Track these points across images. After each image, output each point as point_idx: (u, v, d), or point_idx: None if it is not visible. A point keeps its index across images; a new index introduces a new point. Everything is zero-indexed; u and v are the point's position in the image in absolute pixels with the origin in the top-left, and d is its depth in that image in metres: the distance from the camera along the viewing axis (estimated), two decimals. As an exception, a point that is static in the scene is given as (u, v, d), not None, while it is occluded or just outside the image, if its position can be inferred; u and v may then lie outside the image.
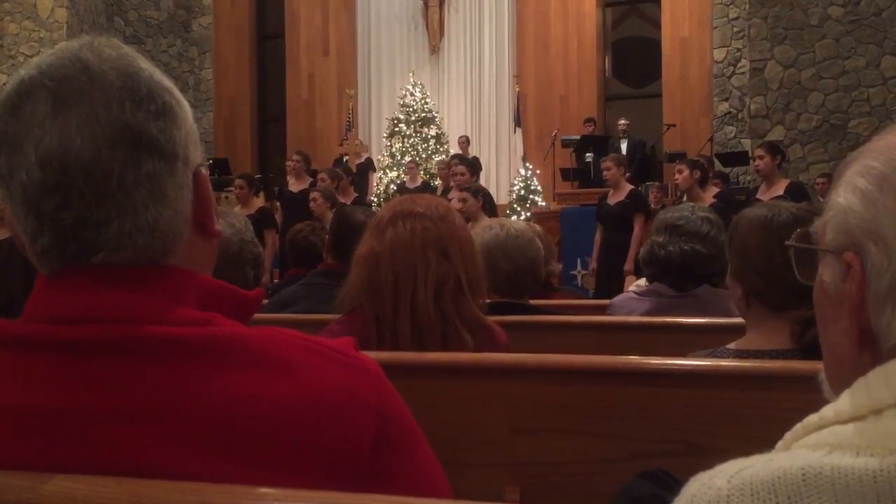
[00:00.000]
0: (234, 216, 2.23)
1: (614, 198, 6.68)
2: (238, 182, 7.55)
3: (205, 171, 0.84)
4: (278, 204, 8.32)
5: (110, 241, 0.76)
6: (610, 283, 6.23)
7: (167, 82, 0.81)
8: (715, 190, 6.49)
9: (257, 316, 0.87)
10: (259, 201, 7.97)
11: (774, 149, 6.32)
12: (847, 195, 0.68)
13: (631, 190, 6.77)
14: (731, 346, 1.68)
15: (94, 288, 0.76)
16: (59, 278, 0.77)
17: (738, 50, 11.23)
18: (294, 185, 7.95)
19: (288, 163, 8.39)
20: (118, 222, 0.75)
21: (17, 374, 0.74)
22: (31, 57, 10.76)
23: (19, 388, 0.74)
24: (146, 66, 0.80)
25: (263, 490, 0.66)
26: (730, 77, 11.47)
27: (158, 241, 0.78)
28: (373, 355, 0.85)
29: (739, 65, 11.19)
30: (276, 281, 5.96)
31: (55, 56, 0.78)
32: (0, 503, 0.67)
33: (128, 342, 0.73)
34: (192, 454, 0.70)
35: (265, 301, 2.87)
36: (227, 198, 8.75)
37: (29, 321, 0.77)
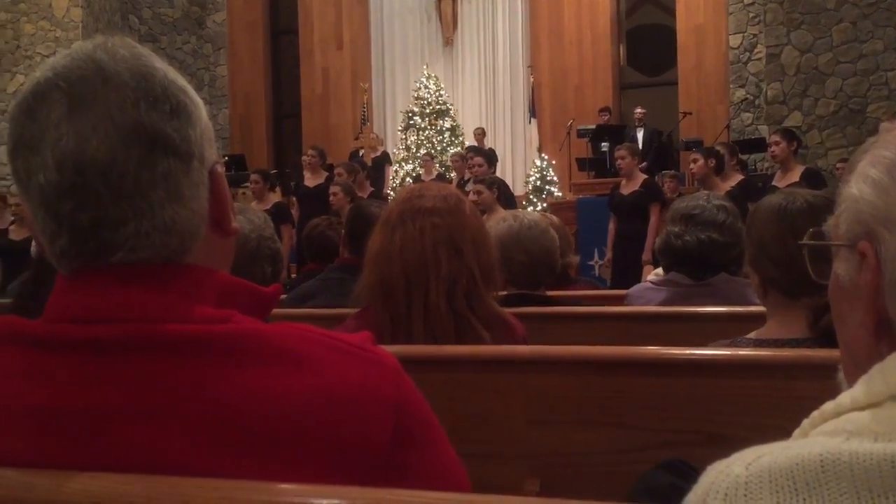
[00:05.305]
0: (252, 212, 2.24)
1: (628, 188, 6.64)
2: (254, 177, 7.58)
3: (220, 169, 0.84)
4: (294, 199, 8.35)
5: (128, 241, 0.76)
6: (626, 274, 6.21)
7: (181, 81, 0.81)
8: (738, 178, 6.44)
9: (275, 311, 0.88)
10: (275, 196, 7.98)
11: (790, 135, 6.27)
12: (859, 185, 0.68)
13: (645, 179, 6.73)
14: (752, 335, 1.68)
15: (113, 287, 0.76)
16: (78, 278, 0.78)
17: (754, 36, 11.14)
18: (310, 180, 7.97)
19: (303, 157, 8.41)
20: (135, 222, 0.76)
21: (38, 373, 0.75)
22: (48, 57, 10.81)
23: (41, 387, 0.74)
24: (160, 65, 0.80)
25: (283, 486, 0.67)
26: (746, 63, 11.38)
27: (176, 239, 0.78)
28: (390, 349, 0.85)
29: (756, 51, 11.10)
30: (293, 276, 6.00)
31: (69, 57, 0.78)
32: (25, 501, 0.68)
33: (147, 341, 0.74)
34: (212, 451, 0.71)
35: (283, 296, 2.89)
36: (243, 194, 8.79)
37: (49, 321, 0.78)
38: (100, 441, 0.72)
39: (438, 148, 12.10)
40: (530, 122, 12.71)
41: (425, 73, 12.72)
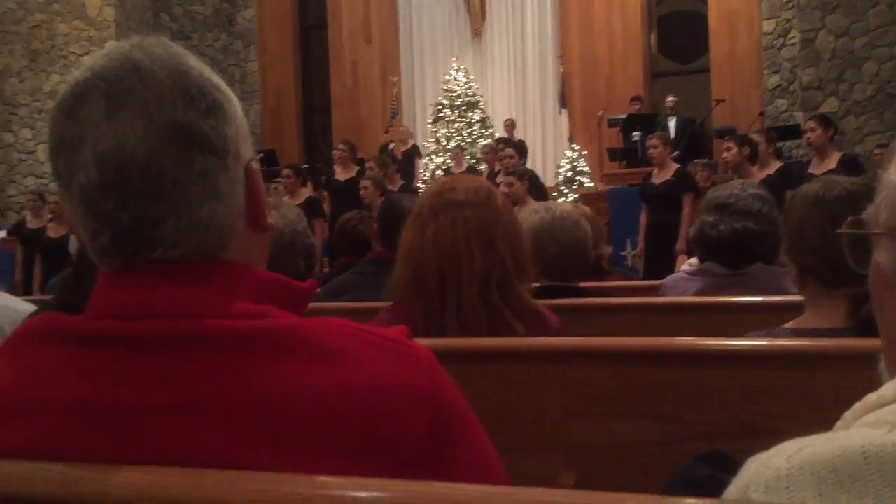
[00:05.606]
0: (287, 207, 2.25)
1: (660, 177, 6.58)
2: (286, 172, 7.64)
3: (256, 166, 0.85)
4: (325, 193, 8.39)
5: (167, 238, 0.77)
6: (660, 264, 6.16)
7: (216, 79, 0.82)
8: (776, 165, 6.35)
9: (310, 305, 0.88)
10: (307, 191, 8.04)
11: (826, 121, 6.17)
12: None
13: (678, 168, 6.66)
14: (789, 325, 1.66)
15: (153, 284, 0.78)
16: (119, 275, 0.79)
17: (788, 21, 10.96)
18: (341, 174, 8.01)
19: (334, 152, 8.45)
20: (174, 219, 0.77)
21: (82, 368, 0.77)
22: (82, 56, 11.03)
23: (84, 382, 0.76)
24: (195, 63, 0.81)
25: (323, 479, 0.68)
26: (780, 49, 11.22)
27: (213, 236, 0.79)
28: (425, 342, 0.85)
29: (789, 36, 10.93)
30: (325, 270, 6.03)
31: (107, 58, 0.79)
32: (71, 495, 0.70)
33: (187, 336, 0.75)
34: (251, 445, 0.72)
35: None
36: (275, 188, 8.85)
37: (92, 317, 0.79)
38: (142, 436, 0.73)
39: (468, 140, 12.08)
40: (560, 113, 12.63)
41: (454, 65, 12.70)
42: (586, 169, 11.28)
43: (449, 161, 11.41)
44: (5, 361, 0.81)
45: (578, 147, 11.54)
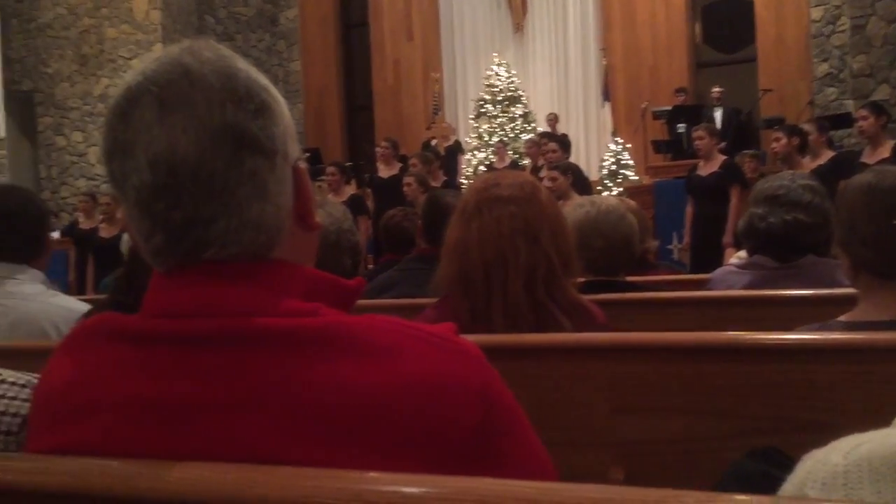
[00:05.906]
0: (332, 205, 2.28)
1: (706, 169, 6.48)
2: (330, 169, 7.70)
3: (303, 165, 0.86)
4: (369, 190, 8.45)
5: (219, 238, 0.79)
6: (706, 258, 6.07)
7: (263, 80, 0.84)
8: (829, 154, 6.23)
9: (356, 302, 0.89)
10: (350, 188, 8.10)
11: (878, 109, 6.02)
12: None
13: (725, 160, 6.56)
14: (842, 318, 1.63)
15: (206, 283, 0.79)
16: (172, 275, 0.81)
17: (837, 7, 10.72)
18: (384, 172, 8.05)
19: (377, 149, 8.50)
20: (225, 220, 0.78)
21: (137, 366, 0.78)
22: (130, 59, 11.25)
23: (139, 380, 0.77)
24: (243, 65, 0.83)
25: (374, 475, 0.68)
26: (829, 36, 10.98)
27: (263, 235, 0.80)
28: (472, 338, 0.85)
29: (839, 23, 10.69)
30: (370, 266, 6.07)
31: (158, 62, 0.81)
32: (128, 490, 0.71)
33: (239, 334, 0.76)
34: (303, 442, 0.73)
35: (362, 287, 2.92)
36: (319, 186, 8.92)
37: (146, 316, 0.81)
38: (196, 433, 0.75)
39: (511, 135, 12.05)
40: (603, 106, 12.53)
41: (496, 60, 12.67)
42: (630, 162, 11.17)
43: (492, 156, 11.40)
44: (63, 361, 0.84)
45: (622, 140, 11.43)
